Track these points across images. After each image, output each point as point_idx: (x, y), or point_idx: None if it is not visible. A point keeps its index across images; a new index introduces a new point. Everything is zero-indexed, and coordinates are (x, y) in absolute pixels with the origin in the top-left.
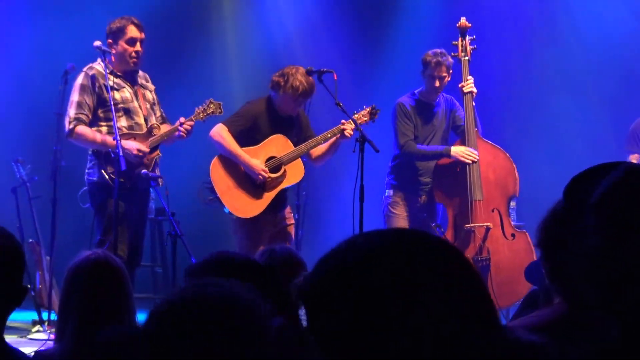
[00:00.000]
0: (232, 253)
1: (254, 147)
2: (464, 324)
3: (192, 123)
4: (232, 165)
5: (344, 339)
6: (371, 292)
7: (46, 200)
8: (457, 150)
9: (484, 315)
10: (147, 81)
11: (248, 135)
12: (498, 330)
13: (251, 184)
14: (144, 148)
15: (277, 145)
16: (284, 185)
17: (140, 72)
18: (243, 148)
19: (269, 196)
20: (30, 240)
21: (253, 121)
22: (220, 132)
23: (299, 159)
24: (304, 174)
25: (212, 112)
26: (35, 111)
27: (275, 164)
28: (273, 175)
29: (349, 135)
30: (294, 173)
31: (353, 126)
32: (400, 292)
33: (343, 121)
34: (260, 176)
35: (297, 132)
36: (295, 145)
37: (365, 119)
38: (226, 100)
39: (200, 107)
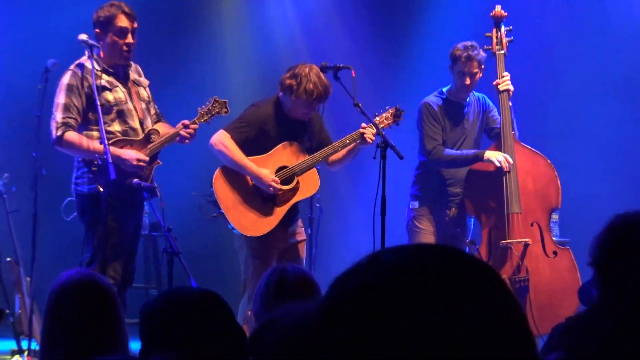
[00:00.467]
0: (187, 289)
1: (262, 156)
2: None
3: (196, 126)
4: (238, 177)
5: None
6: (393, 317)
7: (26, 213)
8: (492, 154)
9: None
10: (139, 75)
11: (254, 143)
12: None
13: (260, 198)
14: (144, 157)
15: (289, 153)
16: (297, 198)
17: (132, 66)
18: (249, 157)
19: (280, 211)
20: (8, 259)
21: (260, 127)
22: (223, 141)
23: (314, 168)
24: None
25: (218, 113)
26: (12, 113)
27: (286, 175)
28: (285, 188)
29: (370, 141)
30: (308, 185)
31: (374, 130)
32: (425, 321)
33: (363, 125)
34: (271, 188)
35: (310, 137)
36: (309, 153)
37: (388, 122)
38: (229, 99)
39: (203, 107)
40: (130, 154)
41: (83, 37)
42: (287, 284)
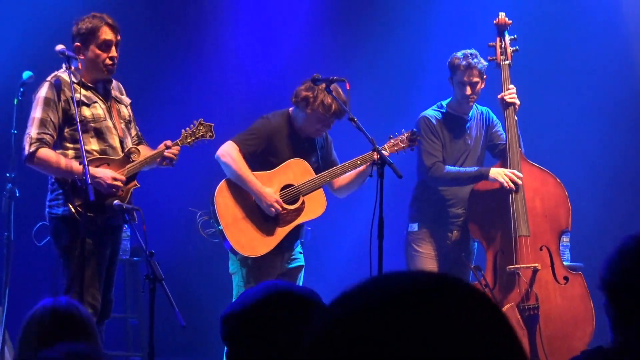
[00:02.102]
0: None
1: (268, 172)
2: None
3: (178, 148)
4: (242, 192)
5: None
6: (380, 351)
7: None
8: (497, 171)
9: None
10: (121, 93)
11: (261, 157)
12: None
13: (261, 216)
14: (120, 177)
15: (296, 171)
16: (300, 220)
17: (114, 82)
18: (255, 173)
19: (281, 232)
20: None
21: (268, 141)
22: (230, 152)
23: (321, 189)
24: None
25: (202, 136)
26: None
27: (291, 194)
28: (288, 208)
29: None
30: (314, 206)
31: (387, 153)
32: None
33: (375, 147)
34: (272, 209)
35: (318, 157)
36: (316, 173)
37: (403, 145)
38: (220, 120)
39: (187, 129)
40: (105, 173)
41: (60, 47)
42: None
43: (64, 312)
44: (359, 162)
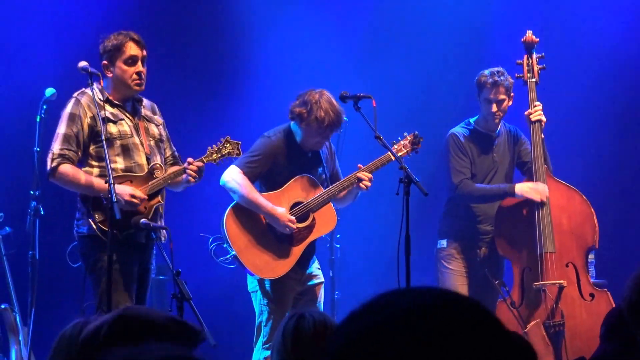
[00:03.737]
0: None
1: (276, 192)
2: None
3: (201, 164)
4: (250, 215)
5: None
6: None
7: (22, 256)
8: (523, 187)
9: None
10: (154, 113)
11: (267, 177)
12: None
13: (274, 237)
14: (140, 194)
15: (303, 187)
16: (313, 237)
17: (146, 102)
18: (263, 194)
19: (297, 251)
20: (3, 306)
21: (272, 159)
22: (235, 178)
23: (330, 204)
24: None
25: (229, 154)
26: (8, 148)
27: (302, 212)
28: (301, 226)
29: (364, 188)
30: (324, 221)
31: (370, 176)
32: None
33: (360, 166)
34: (287, 229)
35: (325, 168)
36: (323, 187)
37: (407, 150)
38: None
39: (213, 146)
40: (124, 189)
41: (83, 64)
42: (304, 330)
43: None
44: (345, 184)
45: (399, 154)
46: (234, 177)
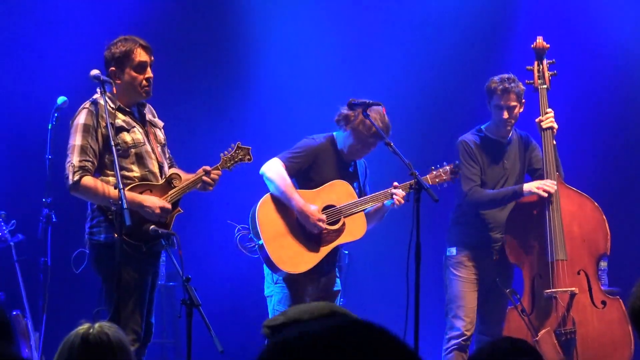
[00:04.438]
0: None
1: (312, 190)
2: None
3: (219, 173)
4: (285, 208)
5: None
6: None
7: (34, 263)
8: (530, 185)
9: None
10: (154, 116)
11: (304, 175)
12: None
13: (302, 234)
14: (167, 205)
15: (339, 192)
16: (340, 241)
17: (146, 105)
18: (298, 191)
19: (322, 252)
20: (15, 312)
21: (314, 159)
22: (276, 169)
23: (362, 213)
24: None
25: (241, 159)
26: (20, 155)
27: (333, 215)
28: (330, 228)
29: (397, 203)
30: (354, 229)
31: (404, 194)
32: None
33: (395, 184)
34: (316, 228)
35: (360, 183)
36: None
37: (445, 177)
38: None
39: (226, 152)
40: (154, 202)
41: (95, 72)
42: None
43: (94, 338)
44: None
45: (437, 180)
46: (274, 167)
